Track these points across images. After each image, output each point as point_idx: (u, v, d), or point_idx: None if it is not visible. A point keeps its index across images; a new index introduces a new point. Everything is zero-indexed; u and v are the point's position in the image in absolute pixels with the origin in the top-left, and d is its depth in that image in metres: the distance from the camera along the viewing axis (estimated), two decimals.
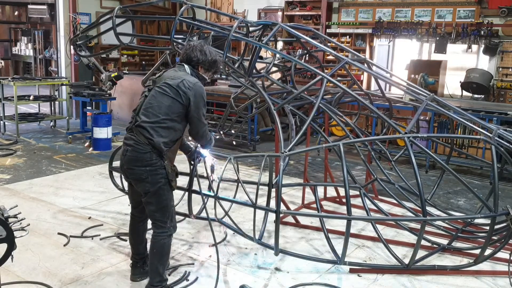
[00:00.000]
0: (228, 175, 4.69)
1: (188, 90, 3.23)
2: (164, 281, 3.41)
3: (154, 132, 3.19)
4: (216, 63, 3.46)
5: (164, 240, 3.36)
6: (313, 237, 4.61)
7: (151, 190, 3.27)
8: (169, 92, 3.23)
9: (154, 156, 3.21)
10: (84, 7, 10.73)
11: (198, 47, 3.39)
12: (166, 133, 3.23)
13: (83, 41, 6.11)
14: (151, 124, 3.21)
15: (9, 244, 2.87)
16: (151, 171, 3.23)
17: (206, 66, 3.42)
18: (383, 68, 5.40)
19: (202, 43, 3.45)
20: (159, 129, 3.21)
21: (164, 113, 3.21)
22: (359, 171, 7.03)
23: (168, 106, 3.21)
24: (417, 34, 9.22)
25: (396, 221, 4.72)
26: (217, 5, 11.99)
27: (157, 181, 3.25)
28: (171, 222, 3.38)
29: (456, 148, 6.01)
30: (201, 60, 3.37)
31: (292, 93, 4.94)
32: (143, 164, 3.22)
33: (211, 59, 3.40)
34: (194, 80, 3.31)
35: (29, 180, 6.13)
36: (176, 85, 3.23)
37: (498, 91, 8.57)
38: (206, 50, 3.40)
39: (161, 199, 3.31)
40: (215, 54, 3.45)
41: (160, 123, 3.21)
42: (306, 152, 5.20)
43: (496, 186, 3.64)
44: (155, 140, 3.18)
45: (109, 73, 7.80)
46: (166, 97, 3.23)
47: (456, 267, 3.96)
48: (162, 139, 3.21)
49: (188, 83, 3.25)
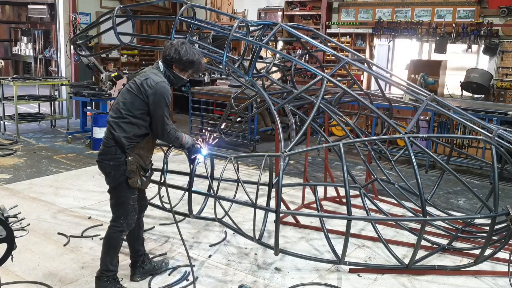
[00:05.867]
0: (228, 175, 4.70)
1: (149, 88, 3.21)
2: (110, 272, 3.43)
3: (117, 127, 3.26)
4: (193, 64, 3.36)
5: (114, 234, 3.42)
6: (313, 237, 4.61)
7: (111, 185, 3.35)
8: (133, 89, 3.26)
9: (118, 151, 3.27)
10: (84, 7, 10.73)
11: (175, 45, 3.32)
12: (128, 129, 3.26)
13: (83, 41, 6.11)
14: (115, 119, 3.28)
15: (9, 244, 2.87)
16: (114, 166, 3.29)
17: (180, 65, 3.35)
18: (383, 68, 5.40)
19: (183, 42, 3.36)
20: (123, 124, 3.26)
21: (127, 109, 3.25)
22: (359, 171, 7.03)
23: (131, 102, 3.25)
24: (417, 34, 9.22)
25: (396, 221, 4.72)
26: (217, 5, 11.99)
27: (118, 176, 3.30)
28: (125, 219, 3.39)
29: (456, 148, 6.01)
30: (175, 59, 3.31)
31: (292, 93, 4.94)
32: (108, 158, 3.30)
33: (186, 59, 3.31)
34: (158, 79, 3.26)
35: (29, 180, 6.13)
36: (140, 82, 3.25)
37: (498, 91, 8.56)
38: (183, 49, 3.31)
39: (119, 195, 3.36)
40: (194, 54, 3.34)
41: (123, 118, 3.26)
42: (306, 152, 5.20)
43: (496, 186, 3.64)
44: (115, 135, 3.25)
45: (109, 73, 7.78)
46: (130, 94, 3.27)
47: (456, 267, 3.96)
48: (123, 133, 3.25)
49: (151, 82, 3.23)
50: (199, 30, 6.11)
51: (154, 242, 4.38)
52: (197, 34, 5.90)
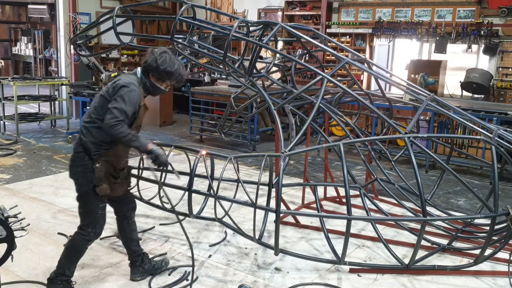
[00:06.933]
0: (228, 175, 4.70)
1: (115, 88, 3.12)
2: (65, 276, 3.36)
3: (86, 131, 3.21)
4: (171, 74, 3.22)
5: (79, 242, 3.33)
6: (313, 237, 4.61)
7: (78, 192, 3.29)
8: (104, 93, 3.20)
9: (86, 158, 3.20)
10: (84, 7, 10.73)
11: (155, 54, 3.20)
12: (96, 133, 3.18)
13: (83, 41, 6.11)
14: (86, 123, 3.24)
15: (9, 244, 2.87)
16: (81, 173, 3.22)
17: (157, 75, 3.23)
18: (383, 68, 5.40)
19: (165, 51, 3.24)
20: (92, 128, 3.19)
21: (97, 113, 3.19)
22: (359, 171, 7.03)
23: (100, 106, 3.18)
24: (417, 34, 9.22)
25: (396, 221, 4.72)
26: (217, 5, 11.99)
27: (85, 184, 3.23)
28: (93, 228, 3.31)
29: (456, 148, 6.01)
30: (152, 67, 3.19)
31: (292, 93, 4.94)
32: (76, 164, 3.25)
33: (163, 69, 3.18)
34: (126, 81, 3.14)
35: (29, 180, 6.13)
36: (110, 84, 3.19)
37: (498, 91, 8.56)
38: (162, 58, 3.18)
39: (86, 203, 3.29)
40: (173, 65, 3.20)
41: (93, 122, 3.19)
42: (306, 152, 5.20)
43: (496, 186, 3.64)
44: (83, 139, 3.20)
45: (109, 73, 7.81)
46: (100, 97, 3.22)
47: (456, 267, 3.96)
48: (91, 138, 3.18)
49: (119, 82, 3.14)
50: (199, 30, 6.11)
51: (154, 242, 4.38)
52: (197, 34, 5.90)
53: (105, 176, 3.24)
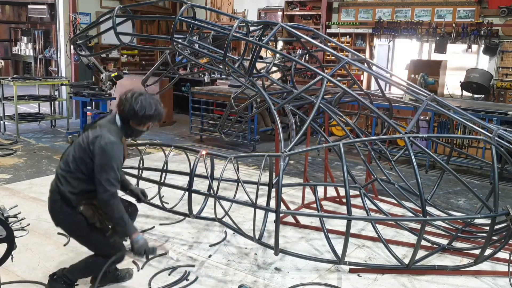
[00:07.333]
0: (228, 175, 4.70)
1: (97, 148, 3.04)
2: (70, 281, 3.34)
3: (64, 181, 3.13)
4: (151, 117, 3.17)
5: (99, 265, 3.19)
6: (313, 237, 4.61)
7: (74, 237, 3.27)
8: (84, 144, 3.11)
9: (64, 206, 3.13)
10: (84, 7, 10.73)
11: (129, 100, 3.10)
12: (76, 184, 3.12)
13: (83, 41, 6.11)
14: (63, 172, 3.15)
15: (9, 244, 2.87)
16: (66, 219, 3.17)
17: (137, 121, 3.17)
18: (383, 68, 5.40)
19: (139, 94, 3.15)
20: (70, 179, 3.12)
21: (76, 164, 3.12)
22: (359, 171, 7.03)
23: (80, 158, 3.11)
24: (417, 34, 9.21)
25: (396, 221, 4.72)
26: (217, 5, 11.99)
27: (76, 229, 3.19)
28: (117, 251, 3.22)
29: (456, 148, 6.00)
30: (130, 115, 3.13)
31: (292, 93, 4.94)
32: (56, 214, 3.19)
33: (142, 115, 3.11)
34: (108, 139, 3.04)
35: (29, 180, 6.13)
36: (91, 139, 3.09)
37: (498, 91, 8.56)
38: (138, 104, 3.10)
39: (91, 243, 3.25)
40: (150, 108, 3.13)
41: (71, 172, 3.12)
42: (306, 152, 5.20)
43: (496, 186, 3.64)
44: (61, 188, 3.12)
45: (109, 73, 7.82)
46: (80, 148, 3.13)
47: (456, 267, 3.96)
48: (69, 188, 3.11)
49: (100, 141, 3.04)
50: (199, 30, 6.11)
51: (154, 242, 4.38)
52: (197, 34, 5.90)
53: (94, 212, 3.24)
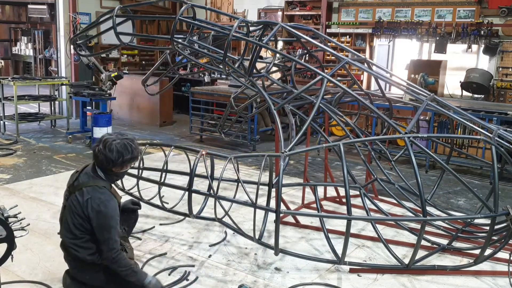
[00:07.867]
0: (228, 175, 4.70)
1: (91, 212, 3.04)
2: None
3: (78, 247, 3.13)
4: (131, 159, 3.16)
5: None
6: (313, 237, 4.61)
7: None
8: (77, 210, 3.09)
9: (90, 268, 3.16)
10: (84, 7, 10.74)
11: (103, 152, 3.07)
12: (90, 245, 3.13)
13: (83, 41, 6.12)
14: (72, 240, 3.14)
15: (9, 244, 2.87)
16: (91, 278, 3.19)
17: (118, 168, 3.17)
18: (383, 68, 5.40)
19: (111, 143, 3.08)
20: (82, 243, 3.12)
21: (79, 229, 3.11)
22: (359, 171, 7.03)
23: (80, 224, 3.10)
24: (417, 34, 9.22)
25: (396, 221, 4.72)
26: (217, 5, 11.99)
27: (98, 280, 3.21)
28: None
29: (456, 148, 6.00)
30: (111, 165, 3.12)
31: (292, 93, 4.94)
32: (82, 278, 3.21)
33: (121, 161, 3.10)
34: (99, 200, 3.04)
35: (29, 180, 6.13)
36: (82, 203, 3.08)
37: (498, 91, 8.56)
38: (113, 154, 3.07)
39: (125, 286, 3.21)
40: (127, 149, 3.11)
41: (80, 238, 3.13)
42: (306, 152, 5.20)
43: (496, 186, 3.64)
44: (80, 256, 3.13)
45: (109, 73, 7.83)
46: (76, 215, 3.10)
47: (456, 267, 3.96)
48: (88, 251, 3.13)
49: (92, 204, 3.04)
50: (199, 30, 6.11)
51: (154, 242, 4.38)
52: (197, 34, 5.90)
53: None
